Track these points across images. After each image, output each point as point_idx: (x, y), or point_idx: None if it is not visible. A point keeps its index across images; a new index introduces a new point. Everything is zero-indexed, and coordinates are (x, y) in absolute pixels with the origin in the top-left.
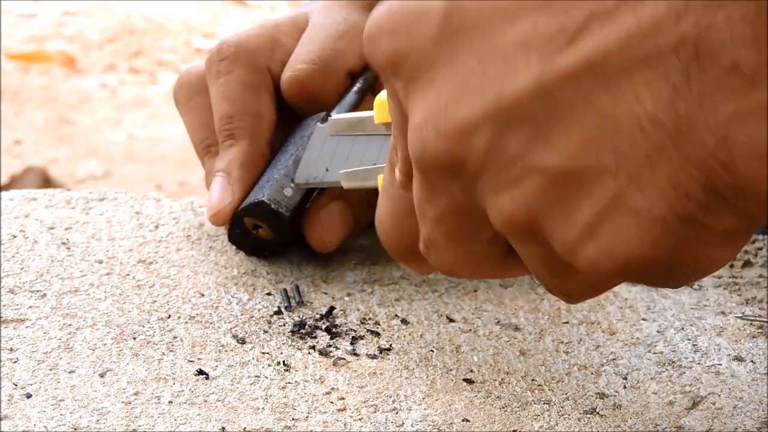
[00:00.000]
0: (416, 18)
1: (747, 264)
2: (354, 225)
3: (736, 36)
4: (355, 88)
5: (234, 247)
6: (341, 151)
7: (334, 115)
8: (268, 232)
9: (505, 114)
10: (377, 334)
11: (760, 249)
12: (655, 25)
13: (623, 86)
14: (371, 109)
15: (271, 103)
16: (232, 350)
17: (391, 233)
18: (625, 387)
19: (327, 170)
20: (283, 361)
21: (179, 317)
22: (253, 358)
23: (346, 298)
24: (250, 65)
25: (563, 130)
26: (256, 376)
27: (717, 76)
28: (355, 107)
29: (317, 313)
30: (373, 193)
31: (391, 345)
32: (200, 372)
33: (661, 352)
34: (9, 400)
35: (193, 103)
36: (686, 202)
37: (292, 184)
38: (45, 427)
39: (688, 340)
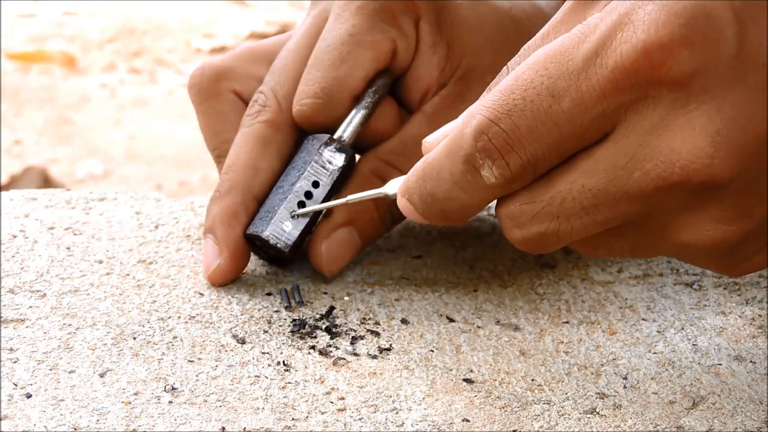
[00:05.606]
0: (713, 35)
1: None
2: (363, 245)
3: None
4: (360, 105)
5: None
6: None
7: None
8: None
9: None
10: (377, 334)
11: None
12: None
13: None
14: (379, 122)
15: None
16: (232, 350)
17: (461, 215)
18: (625, 387)
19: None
20: (283, 361)
21: (179, 317)
22: (253, 358)
23: (346, 298)
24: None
25: None
26: (256, 376)
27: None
28: (360, 125)
29: (317, 313)
30: (385, 207)
31: (391, 345)
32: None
33: (661, 352)
34: (9, 400)
35: (204, 107)
36: None
37: (292, 218)
38: (45, 427)
39: (688, 340)
